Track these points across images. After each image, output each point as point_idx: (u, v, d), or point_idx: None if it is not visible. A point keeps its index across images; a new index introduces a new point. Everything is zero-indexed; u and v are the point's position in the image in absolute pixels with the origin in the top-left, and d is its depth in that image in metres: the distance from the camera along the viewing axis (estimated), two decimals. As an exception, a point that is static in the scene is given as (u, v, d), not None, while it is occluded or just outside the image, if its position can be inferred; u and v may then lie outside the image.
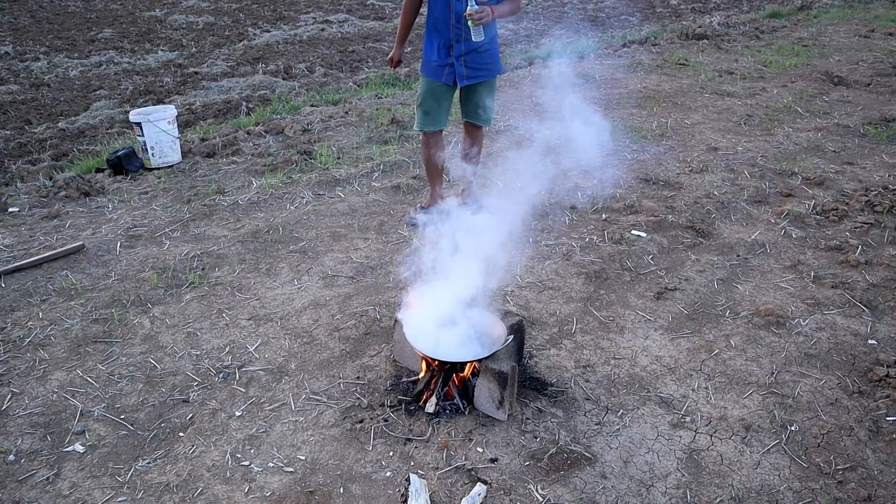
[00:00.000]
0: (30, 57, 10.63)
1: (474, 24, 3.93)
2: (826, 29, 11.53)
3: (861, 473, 2.61)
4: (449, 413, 2.90)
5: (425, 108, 4.36)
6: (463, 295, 3.10)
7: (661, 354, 3.32)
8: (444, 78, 4.23)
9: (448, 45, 4.15)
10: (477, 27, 3.96)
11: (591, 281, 3.96)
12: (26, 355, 3.36)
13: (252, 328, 3.56)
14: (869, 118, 6.75)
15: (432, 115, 4.37)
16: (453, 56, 4.16)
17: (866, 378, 3.12)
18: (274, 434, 2.84)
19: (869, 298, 3.74)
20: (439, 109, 4.36)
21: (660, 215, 4.68)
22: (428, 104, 4.34)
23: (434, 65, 4.24)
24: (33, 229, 4.68)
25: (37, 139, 7.05)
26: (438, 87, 4.28)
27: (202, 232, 4.61)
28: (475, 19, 3.89)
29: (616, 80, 8.42)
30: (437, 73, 4.24)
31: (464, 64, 4.18)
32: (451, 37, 4.12)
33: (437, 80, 4.25)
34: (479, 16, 3.88)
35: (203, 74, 9.56)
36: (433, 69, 4.25)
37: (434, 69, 4.24)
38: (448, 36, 4.12)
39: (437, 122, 4.40)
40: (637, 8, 14.83)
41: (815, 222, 4.61)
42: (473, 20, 3.90)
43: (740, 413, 2.92)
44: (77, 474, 2.65)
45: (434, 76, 4.25)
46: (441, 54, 4.19)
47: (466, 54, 4.16)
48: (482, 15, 3.89)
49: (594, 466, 2.64)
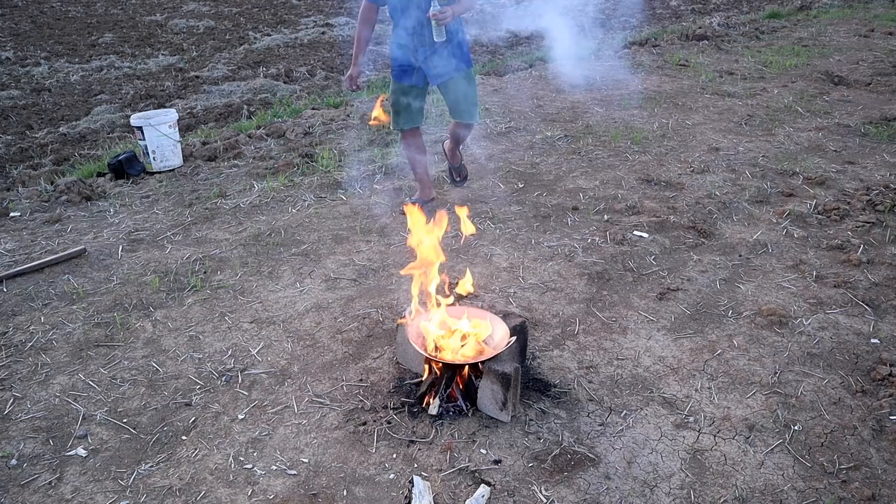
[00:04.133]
0: (31, 62, 10.64)
1: (437, 24, 4.09)
2: (826, 29, 11.52)
3: (865, 472, 2.61)
4: (452, 415, 2.89)
5: (397, 108, 4.55)
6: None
7: (663, 355, 3.31)
8: (413, 80, 4.42)
9: (414, 48, 4.30)
10: (439, 27, 4.13)
11: (593, 282, 3.95)
12: (28, 359, 3.36)
13: (254, 331, 3.56)
14: (870, 117, 6.75)
15: (405, 115, 4.55)
16: (419, 59, 4.32)
17: (869, 377, 3.11)
18: (277, 437, 2.84)
19: (871, 297, 3.74)
20: (411, 109, 4.53)
21: (662, 216, 4.67)
22: (399, 105, 4.52)
23: (402, 69, 4.41)
24: (35, 234, 4.69)
25: (38, 144, 7.06)
26: (409, 89, 4.46)
27: (204, 235, 4.61)
28: (438, 20, 4.05)
29: (617, 81, 8.42)
30: (406, 76, 4.42)
31: (431, 64, 4.33)
32: (415, 42, 4.28)
33: (407, 82, 4.43)
34: (441, 16, 4.03)
35: (204, 78, 9.57)
36: (402, 73, 4.42)
37: (402, 73, 4.42)
38: (413, 41, 4.28)
39: (410, 120, 4.58)
40: (637, 9, 14.84)
41: (817, 222, 4.60)
42: (437, 20, 4.06)
43: (743, 413, 2.92)
44: (80, 478, 2.65)
45: (403, 80, 4.43)
46: (407, 58, 4.35)
47: (432, 55, 4.30)
48: (444, 15, 4.04)
49: (598, 467, 2.64)
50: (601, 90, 8.05)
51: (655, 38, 10.90)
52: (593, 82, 8.37)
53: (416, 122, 4.62)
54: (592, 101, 7.57)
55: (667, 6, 15.19)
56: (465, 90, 4.45)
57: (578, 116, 7.05)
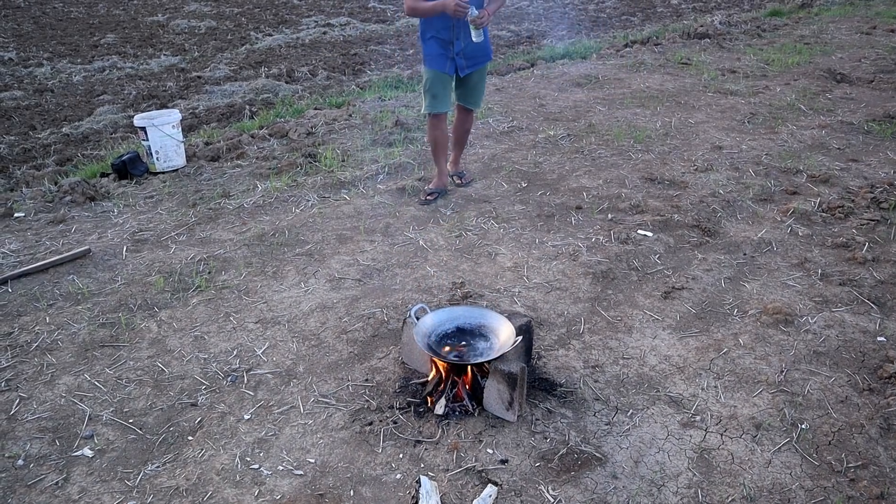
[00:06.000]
0: (33, 63, 10.64)
1: (476, 27, 4.40)
2: (828, 26, 11.51)
3: (873, 471, 2.60)
4: (458, 415, 2.89)
5: (433, 92, 4.80)
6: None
7: (669, 354, 3.31)
8: (447, 68, 4.73)
9: (448, 42, 4.64)
10: (478, 30, 4.43)
11: (598, 281, 3.95)
12: (34, 360, 3.36)
13: (259, 331, 3.56)
14: (873, 115, 6.74)
15: (440, 99, 4.82)
16: (453, 52, 4.68)
17: (876, 375, 3.11)
18: (283, 437, 2.84)
19: (877, 295, 3.73)
20: (444, 94, 4.84)
21: (666, 215, 4.67)
22: (436, 89, 4.79)
23: (439, 58, 4.71)
24: (39, 234, 4.69)
25: (41, 144, 7.06)
26: (443, 76, 4.76)
27: (208, 235, 4.61)
28: (476, 24, 4.37)
29: (619, 79, 8.42)
30: (441, 64, 4.71)
31: (463, 56, 4.70)
32: (450, 36, 4.61)
33: (442, 70, 4.72)
34: (479, 21, 4.36)
35: (206, 79, 9.57)
36: (438, 62, 4.71)
37: (439, 62, 4.71)
38: (448, 35, 4.61)
39: (444, 104, 4.85)
40: (638, 7, 14.82)
41: (822, 220, 4.60)
42: (476, 24, 4.37)
43: (750, 412, 2.91)
44: (86, 479, 2.65)
45: (439, 67, 4.71)
46: (443, 50, 4.68)
47: (465, 47, 4.66)
48: (483, 20, 4.37)
49: (605, 467, 2.63)
50: (603, 89, 8.04)
51: (657, 36, 10.89)
52: (595, 81, 8.36)
53: (447, 106, 4.89)
54: (595, 100, 7.56)
55: (668, 4, 15.17)
56: (481, 80, 4.96)
57: (581, 115, 7.04)
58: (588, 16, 13.88)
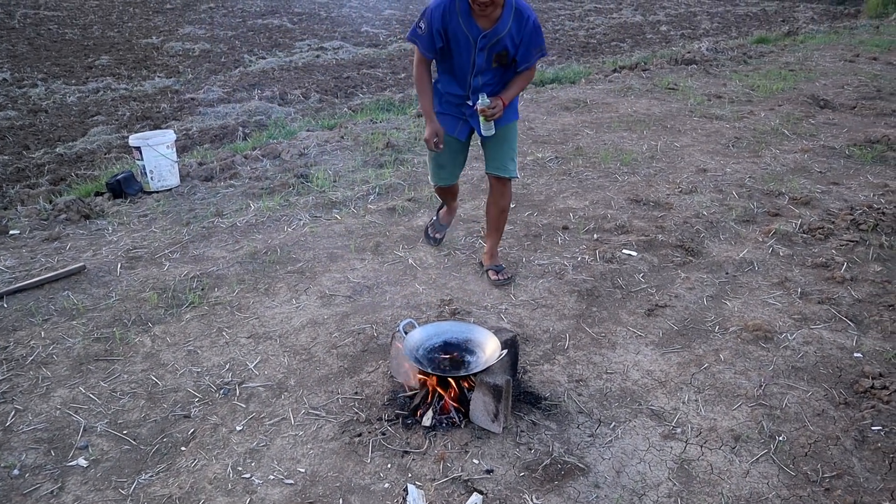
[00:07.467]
0: (28, 83, 10.73)
1: (486, 119, 3.58)
2: (812, 54, 11.75)
3: (847, 481, 2.68)
4: (445, 426, 2.96)
5: (439, 161, 3.96)
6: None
7: (652, 369, 3.39)
8: (456, 131, 3.83)
9: (462, 97, 3.72)
10: (488, 122, 3.61)
11: (583, 299, 4.04)
12: (29, 373, 3.41)
13: (251, 346, 3.62)
14: (854, 140, 6.90)
15: (448, 169, 4.01)
16: (466, 113, 3.77)
17: (852, 390, 3.20)
18: (274, 448, 2.90)
19: (854, 313, 3.83)
20: (453, 162, 3.99)
21: (650, 235, 4.77)
22: (441, 158, 3.91)
23: (446, 117, 3.79)
24: (34, 251, 4.75)
25: (35, 164, 7.13)
26: (450, 140, 3.82)
27: (201, 253, 4.68)
28: (487, 115, 3.55)
29: (607, 104, 8.58)
30: (449, 125, 3.80)
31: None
32: (466, 90, 3.69)
33: (450, 133, 3.81)
34: (491, 112, 3.54)
35: (199, 100, 9.67)
36: (446, 121, 3.78)
37: (447, 121, 3.79)
38: (464, 88, 3.69)
39: (451, 175, 4.05)
40: (628, 34, 15.07)
41: (802, 241, 4.71)
42: (486, 116, 3.56)
43: (729, 424, 3.00)
44: (81, 488, 2.70)
45: (448, 129, 3.79)
46: (454, 107, 3.79)
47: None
48: (495, 111, 3.54)
49: (587, 476, 2.71)
50: (591, 113, 8.19)
51: (645, 62, 11.09)
52: (584, 105, 8.51)
53: (455, 178, 4.09)
54: (583, 124, 7.71)
55: (657, 31, 15.44)
56: (508, 142, 3.83)
57: (569, 138, 7.17)
58: (578, 41, 14.10)
